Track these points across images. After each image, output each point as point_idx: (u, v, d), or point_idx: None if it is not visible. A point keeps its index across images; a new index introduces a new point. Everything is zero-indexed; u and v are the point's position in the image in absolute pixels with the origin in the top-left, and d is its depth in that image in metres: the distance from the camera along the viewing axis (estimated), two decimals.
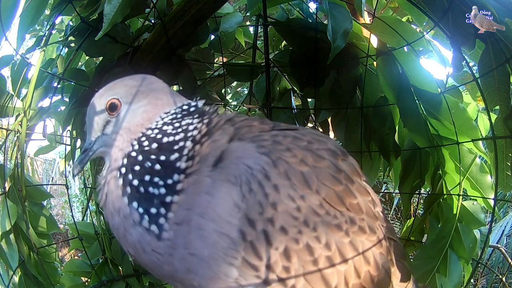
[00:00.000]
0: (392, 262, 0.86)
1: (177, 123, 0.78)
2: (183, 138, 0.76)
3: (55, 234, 5.54)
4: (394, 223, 5.07)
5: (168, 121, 0.79)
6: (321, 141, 0.80)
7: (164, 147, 0.76)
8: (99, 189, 0.81)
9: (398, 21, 1.39)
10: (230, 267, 0.69)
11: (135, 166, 0.75)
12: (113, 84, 0.84)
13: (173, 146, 0.76)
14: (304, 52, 1.55)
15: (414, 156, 1.47)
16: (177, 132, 0.77)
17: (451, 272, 1.19)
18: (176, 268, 0.73)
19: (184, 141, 0.76)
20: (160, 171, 0.74)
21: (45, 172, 8.33)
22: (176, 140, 0.76)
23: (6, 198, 1.27)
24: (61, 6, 1.26)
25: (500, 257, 3.59)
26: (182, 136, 0.77)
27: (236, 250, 0.68)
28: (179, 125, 0.78)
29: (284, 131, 0.80)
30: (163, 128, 0.78)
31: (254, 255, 0.68)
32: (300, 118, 1.70)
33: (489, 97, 1.16)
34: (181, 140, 0.76)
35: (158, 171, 0.74)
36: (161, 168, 0.74)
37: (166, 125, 0.78)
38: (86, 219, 2.31)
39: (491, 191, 1.33)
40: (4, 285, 1.32)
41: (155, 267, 0.76)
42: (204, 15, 1.40)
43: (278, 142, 0.75)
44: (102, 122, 0.82)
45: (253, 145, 0.74)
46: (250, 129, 0.79)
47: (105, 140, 0.82)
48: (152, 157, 0.75)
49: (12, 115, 1.30)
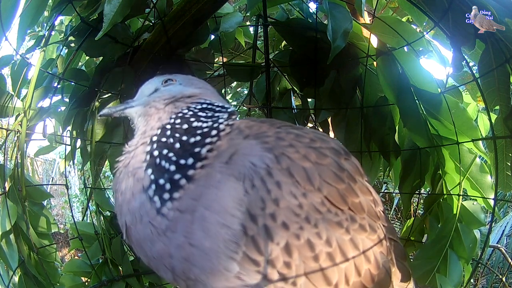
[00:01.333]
0: (393, 262, 0.87)
1: (210, 113, 0.85)
2: (209, 127, 0.81)
3: (55, 234, 5.55)
4: (394, 223, 5.07)
5: (204, 107, 0.86)
6: (324, 140, 0.82)
7: (190, 130, 0.80)
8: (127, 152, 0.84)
9: (398, 21, 1.39)
10: (231, 261, 0.70)
11: (162, 138, 0.80)
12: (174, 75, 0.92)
13: (197, 131, 0.80)
14: (304, 52, 1.55)
15: (414, 156, 1.47)
16: (207, 121, 0.82)
17: (451, 272, 1.19)
18: (170, 252, 0.73)
19: (209, 130, 0.80)
20: (178, 150, 0.77)
21: (45, 172, 8.34)
22: (203, 127, 0.81)
23: (6, 198, 1.27)
24: (61, 6, 1.26)
25: (500, 257, 3.59)
26: (209, 125, 0.81)
27: (237, 244, 0.69)
28: (212, 115, 0.84)
29: (288, 127, 0.83)
30: (198, 114, 0.84)
31: (255, 250, 0.69)
32: (300, 118, 1.69)
33: (489, 97, 1.16)
34: (207, 128, 0.80)
35: (176, 149, 0.78)
36: (180, 147, 0.78)
37: (202, 111, 0.85)
38: (86, 219, 2.31)
39: (491, 191, 1.33)
40: (4, 285, 1.31)
41: (146, 242, 0.75)
42: (204, 15, 1.40)
43: (281, 138, 0.77)
44: (152, 89, 0.90)
45: (257, 142, 0.76)
46: (259, 128, 0.81)
47: (147, 100, 0.88)
48: (176, 135, 0.80)
49: (12, 115, 1.30)
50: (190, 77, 0.94)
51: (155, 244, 0.74)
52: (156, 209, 0.74)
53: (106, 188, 1.60)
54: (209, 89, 0.95)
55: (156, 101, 0.87)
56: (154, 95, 0.88)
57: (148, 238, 0.75)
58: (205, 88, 0.94)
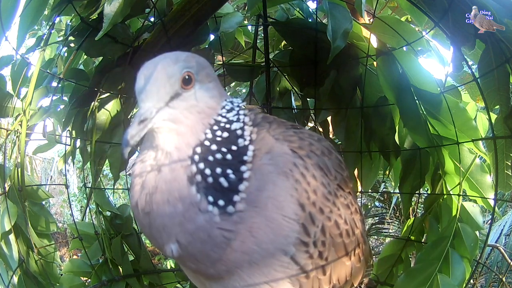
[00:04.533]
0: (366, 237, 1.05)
1: (234, 111, 0.81)
2: (241, 128, 0.80)
3: (54, 233, 5.54)
4: (392, 222, 5.08)
5: (229, 107, 0.81)
6: (322, 139, 0.94)
7: (231, 138, 0.77)
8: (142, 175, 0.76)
9: (398, 21, 1.39)
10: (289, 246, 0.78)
11: (208, 156, 0.74)
12: (185, 55, 0.78)
13: (237, 138, 0.78)
14: (304, 52, 1.55)
15: (414, 156, 1.47)
16: (237, 120, 0.80)
17: (454, 271, 1.19)
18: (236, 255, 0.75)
19: (242, 131, 0.80)
20: (230, 162, 0.75)
21: (44, 171, 8.33)
22: (238, 129, 0.79)
23: (6, 198, 1.27)
24: (61, 6, 1.26)
25: (498, 256, 3.59)
26: (241, 125, 0.80)
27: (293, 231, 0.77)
28: (237, 113, 0.81)
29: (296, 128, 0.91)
30: (228, 117, 0.79)
31: (305, 234, 0.79)
32: (300, 118, 1.70)
33: (489, 97, 1.17)
34: (241, 130, 0.80)
35: (228, 162, 0.75)
36: (231, 158, 0.76)
37: (229, 112, 0.80)
38: (85, 219, 2.31)
39: (491, 190, 1.33)
40: (4, 285, 1.31)
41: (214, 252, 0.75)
42: (204, 15, 1.40)
43: (302, 138, 0.86)
44: (171, 92, 0.73)
45: (286, 143, 0.83)
46: (278, 126, 0.87)
47: (174, 114, 0.73)
48: (223, 149, 0.76)
49: (12, 115, 1.29)
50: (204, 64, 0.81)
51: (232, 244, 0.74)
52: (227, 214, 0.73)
53: (106, 188, 1.60)
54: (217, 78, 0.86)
55: (185, 115, 0.75)
56: (178, 104, 0.74)
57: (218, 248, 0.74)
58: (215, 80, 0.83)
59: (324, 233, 0.82)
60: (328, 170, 0.86)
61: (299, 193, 0.78)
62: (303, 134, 0.88)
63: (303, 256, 0.80)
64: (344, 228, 0.87)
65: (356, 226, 0.92)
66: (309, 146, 0.85)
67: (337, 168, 0.89)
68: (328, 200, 0.83)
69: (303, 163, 0.81)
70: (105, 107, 1.42)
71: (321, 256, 0.82)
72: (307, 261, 0.80)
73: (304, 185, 0.79)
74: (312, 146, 0.86)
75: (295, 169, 0.79)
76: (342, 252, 0.87)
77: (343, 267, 0.89)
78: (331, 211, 0.83)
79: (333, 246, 0.85)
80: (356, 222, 0.92)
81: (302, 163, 0.81)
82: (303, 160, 0.81)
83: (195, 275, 0.88)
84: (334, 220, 0.84)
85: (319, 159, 0.85)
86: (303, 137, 0.87)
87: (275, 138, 0.83)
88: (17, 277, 1.33)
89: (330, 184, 0.85)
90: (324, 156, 0.87)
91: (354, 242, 0.91)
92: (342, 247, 0.87)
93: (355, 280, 0.96)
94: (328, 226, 0.83)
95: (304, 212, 0.78)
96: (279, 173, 0.78)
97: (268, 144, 0.81)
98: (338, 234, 0.85)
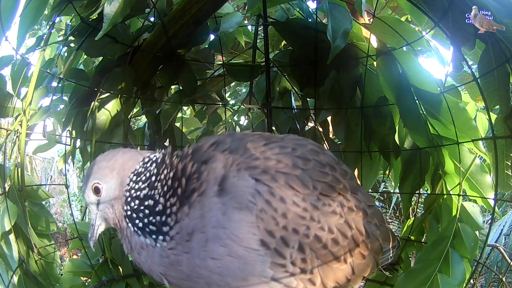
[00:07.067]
0: (376, 226, 1.00)
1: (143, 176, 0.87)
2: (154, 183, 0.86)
3: (54, 233, 5.53)
4: (392, 222, 5.08)
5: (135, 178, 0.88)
6: (303, 145, 0.92)
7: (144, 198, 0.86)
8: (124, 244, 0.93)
9: (398, 21, 1.38)
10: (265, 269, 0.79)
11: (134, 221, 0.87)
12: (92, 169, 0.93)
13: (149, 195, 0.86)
14: (304, 52, 1.55)
15: (414, 156, 1.47)
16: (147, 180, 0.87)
17: (454, 271, 1.19)
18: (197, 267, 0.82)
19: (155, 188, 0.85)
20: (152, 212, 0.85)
21: (44, 171, 8.33)
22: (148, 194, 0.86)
23: (6, 198, 1.27)
24: (61, 6, 1.26)
25: (498, 256, 3.60)
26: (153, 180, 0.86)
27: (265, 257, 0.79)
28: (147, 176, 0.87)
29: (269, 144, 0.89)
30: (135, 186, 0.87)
31: (279, 257, 0.79)
32: (300, 118, 1.69)
33: (489, 97, 1.16)
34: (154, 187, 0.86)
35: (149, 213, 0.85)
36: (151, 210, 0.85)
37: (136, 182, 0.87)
38: (85, 219, 2.31)
39: (491, 190, 1.33)
40: (4, 285, 1.31)
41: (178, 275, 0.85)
42: (204, 15, 1.40)
43: (268, 158, 0.84)
44: (95, 202, 0.92)
45: (248, 172, 0.82)
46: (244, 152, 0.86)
47: (102, 215, 0.94)
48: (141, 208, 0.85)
49: (12, 115, 1.29)
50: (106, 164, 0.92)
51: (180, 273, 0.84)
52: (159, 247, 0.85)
53: None
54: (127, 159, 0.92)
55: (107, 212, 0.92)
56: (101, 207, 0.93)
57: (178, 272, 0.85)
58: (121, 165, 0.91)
59: (302, 251, 0.81)
60: (302, 184, 0.82)
61: (265, 222, 0.78)
62: (272, 150, 0.86)
63: (284, 275, 0.81)
64: (328, 238, 0.84)
65: (350, 228, 0.89)
66: (275, 165, 0.83)
67: (318, 175, 0.86)
68: (303, 218, 0.81)
69: (268, 189, 0.79)
70: (105, 107, 1.42)
71: (304, 272, 0.82)
72: (289, 278, 0.81)
73: (271, 212, 0.78)
74: (280, 163, 0.83)
75: (259, 198, 0.78)
76: (332, 260, 0.86)
77: (338, 271, 0.88)
78: (308, 228, 0.81)
79: (318, 258, 0.83)
80: (350, 223, 0.89)
81: (267, 189, 0.79)
82: (267, 186, 0.79)
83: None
84: (313, 235, 0.82)
85: (288, 177, 0.82)
86: (270, 155, 0.85)
87: (237, 169, 0.82)
88: (17, 277, 1.33)
89: (306, 198, 0.82)
90: (297, 170, 0.84)
91: (348, 245, 0.88)
92: (330, 256, 0.85)
93: (364, 274, 0.95)
94: (307, 243, 0.81)
95: (274, 238, 0.78)
96: (236, 208, 0.78)
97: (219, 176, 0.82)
98: (321, 247, 0.83)
